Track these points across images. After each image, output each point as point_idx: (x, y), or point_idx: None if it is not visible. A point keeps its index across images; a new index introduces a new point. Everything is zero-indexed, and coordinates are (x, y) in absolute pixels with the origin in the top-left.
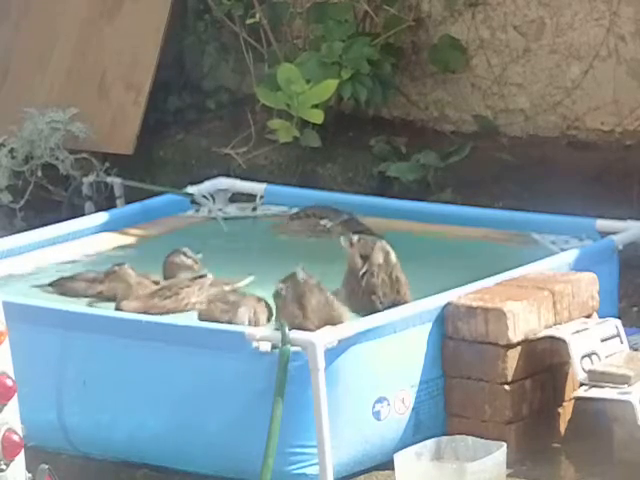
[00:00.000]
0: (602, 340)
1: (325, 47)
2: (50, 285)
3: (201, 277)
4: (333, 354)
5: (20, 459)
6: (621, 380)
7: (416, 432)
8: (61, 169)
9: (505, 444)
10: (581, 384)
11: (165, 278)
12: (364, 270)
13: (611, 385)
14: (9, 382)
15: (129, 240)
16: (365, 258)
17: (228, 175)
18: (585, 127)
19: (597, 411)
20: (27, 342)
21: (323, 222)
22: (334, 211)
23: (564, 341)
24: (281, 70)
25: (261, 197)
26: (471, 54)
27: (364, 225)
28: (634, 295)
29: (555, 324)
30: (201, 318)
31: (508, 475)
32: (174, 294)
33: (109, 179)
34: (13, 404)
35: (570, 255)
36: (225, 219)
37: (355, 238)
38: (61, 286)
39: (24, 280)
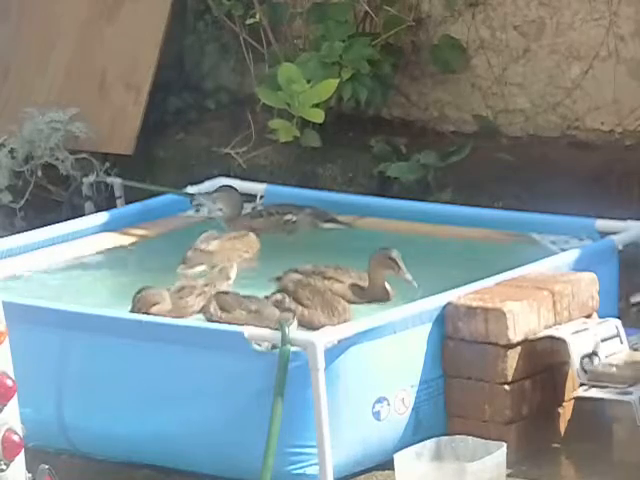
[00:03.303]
0: (602, 340)
1: (325, 47)
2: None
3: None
4: (333, 354)
5: (20, 459)
6: (621, 380)
7: (416, 432)
8: (61, 169)
9: (505, 444)
10: (581, 384)
11: None
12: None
13: (611, 385)
14: (9, 382)
15: (129, 240)
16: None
17: (228, 175)
18: (585, 127)
19: (597, 411)
20: (27, 342)
21: (287, 217)
22: (294, 206)
23: (564, 341)
24: (282, 70)
25: (261, 197)
26: (471, 54)
27: (330, 214)
28: (634, 295)
29: (555, 324)
30: None
31: (508, 475)
32: (202, 293)
33: (109, 179)
34: (13, 404)
35: (570, 255)
36: None
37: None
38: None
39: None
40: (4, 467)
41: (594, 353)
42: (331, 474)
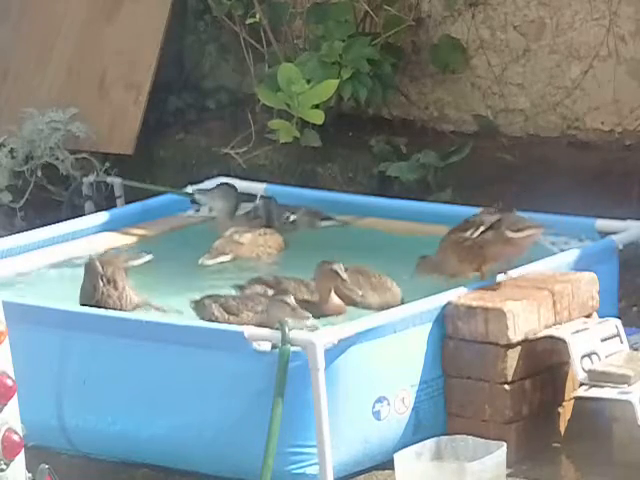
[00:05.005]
0: (602, 340)
1: (325, 47)
2: None
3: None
4: (333, 354)
5: (20, 459)
6: (621, 380)
7: (416, 432)
8: (61, 169)
9: (505, 444)
10: (581, 384)
11: None
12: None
13: (611, 385)
14: (9, 382)
15: (129, 240)
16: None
17: (228, 175)
18: (585, 127)
19: (597, 411)
20: (27, 342)
21: (285, 215)
22: (289, 206)
23: (564, 341)
24: (282, 70)
25: (261, 197)
26: (471, 54)
27: (325, 213)
28: (634, 295)
29: (555, 324)
30: None
31: (508, 475)
32: (121, 289)
33: (109, 179)
34: (13, 404)
35: (570, 255)
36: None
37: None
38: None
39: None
40: (4, 467)
41: (594, 353)
42: (331, 474)
